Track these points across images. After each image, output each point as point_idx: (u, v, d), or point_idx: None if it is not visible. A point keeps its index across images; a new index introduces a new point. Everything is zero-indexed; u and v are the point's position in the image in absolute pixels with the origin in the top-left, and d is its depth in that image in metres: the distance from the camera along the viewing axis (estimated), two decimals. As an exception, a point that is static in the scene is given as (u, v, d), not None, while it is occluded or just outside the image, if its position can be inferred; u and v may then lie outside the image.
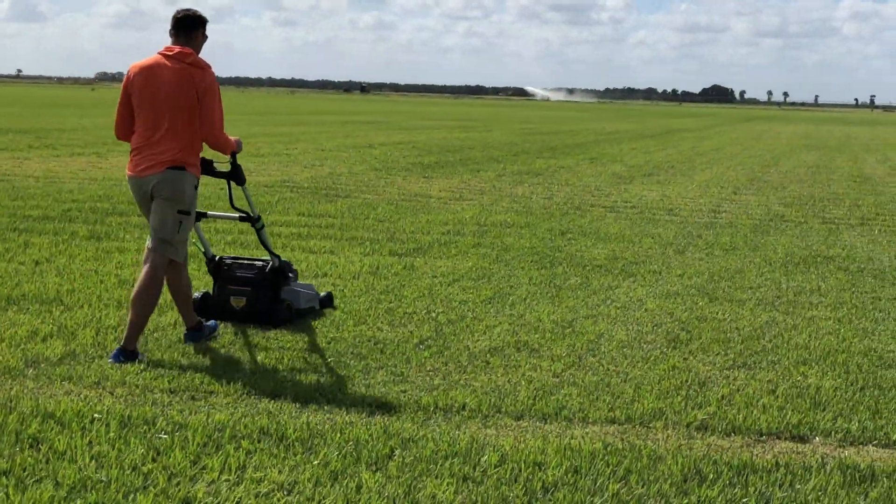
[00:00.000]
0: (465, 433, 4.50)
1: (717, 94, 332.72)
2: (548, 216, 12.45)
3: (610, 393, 5.22)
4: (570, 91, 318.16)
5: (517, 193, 15.08)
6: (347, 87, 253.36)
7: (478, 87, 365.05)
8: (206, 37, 5.80)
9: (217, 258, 6.62)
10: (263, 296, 6.38)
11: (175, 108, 5.56)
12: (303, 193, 13.87)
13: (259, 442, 4.25)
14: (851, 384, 5.54)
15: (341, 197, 13.77)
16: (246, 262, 6.64)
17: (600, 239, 10.70)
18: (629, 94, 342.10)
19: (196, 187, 5.71)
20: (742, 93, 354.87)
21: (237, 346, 5.86)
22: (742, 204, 14.80)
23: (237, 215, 6.49)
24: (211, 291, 6.57)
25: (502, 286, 7.91)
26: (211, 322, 6.12)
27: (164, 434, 4.29)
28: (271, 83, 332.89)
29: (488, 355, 5.85)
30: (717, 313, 7.22)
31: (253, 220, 6.41)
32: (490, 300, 7.37)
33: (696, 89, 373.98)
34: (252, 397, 4.93)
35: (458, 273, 8.39)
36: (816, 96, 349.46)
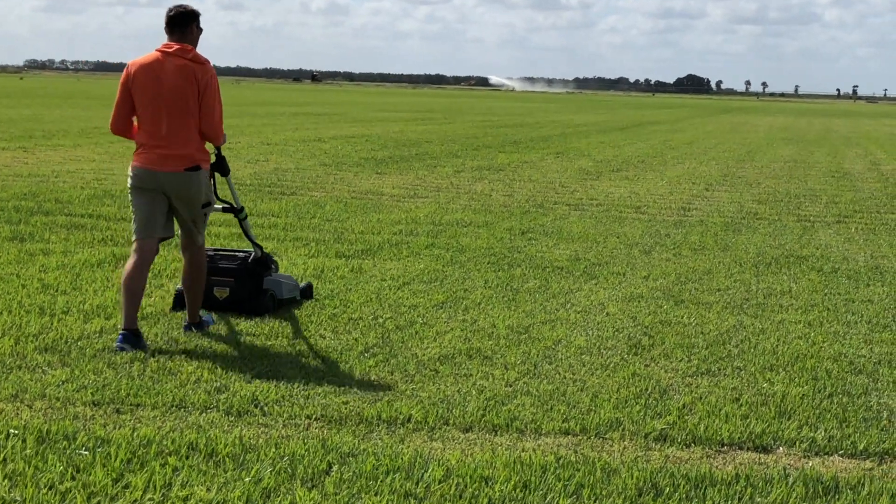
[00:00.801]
0: (408, 447, 4.54)
1: (693, 85, 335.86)
2: (508, 215, 12.53)
3: (565, 402, 5.28)
4: (537, 81, 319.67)
5: (476, 190, 15.15)
6: (297, 76, 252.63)
7: (438, 76, 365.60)
8: (201, 29, 6.34)
9: None
10: (246, 286, 6.96)
11: (180, 103, 6.13)
12: (244, 191, 13.81)
13: (187, 458, 4.25)
14: (819, 391, 5.64)
15: (286, 195, 13.75)
16: (228, 253, 7.28)
17: (563, 239, 10.78)
18: (599, 83, 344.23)
19: (210, 178, 6.38)
20: (718, 83, 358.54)
21: (169, 355, 5.85)
22: (714, 201, 14.97)
23: (220, 206, 6.92)
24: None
25: (456, 290, 7.96)
26: (207, 316, 6.66)
27: (85, 450, 4.27)
28: (217, 72, 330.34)
29: (437, 364, 5.89)
30: (683, 317, 7.31)
31: (236, 210, 6.97)
32: (442, 305, 7.41)
33: (671, 79, 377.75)
34: (182, 410, 4.93)
35: (408, 276, 8.42)
36: (797, 86, 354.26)
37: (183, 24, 6.24)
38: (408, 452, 4.43)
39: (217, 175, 6.59)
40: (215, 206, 6.69)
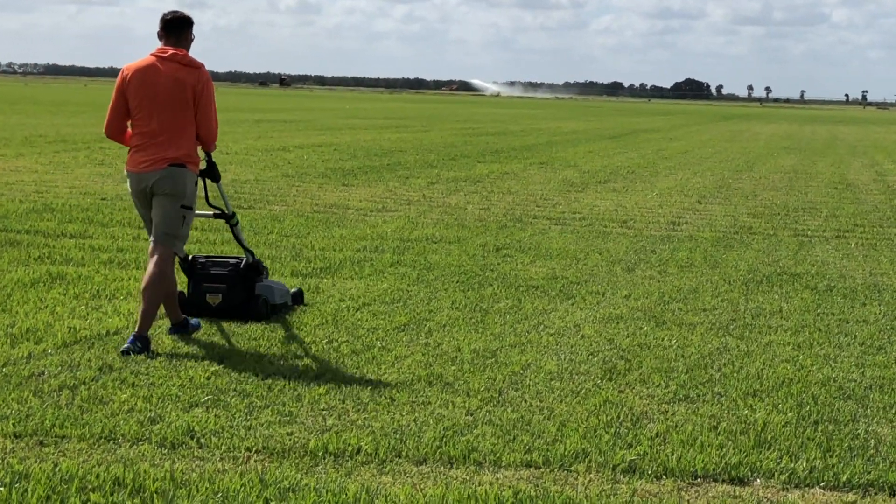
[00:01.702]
0: (355, 481, 4.53)
1: (691, 89, 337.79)
2: (483, 229, 12.56)
3: (529, 432, 5.28)
4: (523, 85, 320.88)
5: (450, 203, 15.19)
6: (264, 80, 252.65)
7: (417, 80, 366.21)
8: (194, 36, 6.94)
9: (190, 257, 7.61)
10: (239, 292, 7.49)
11: (174, 107, 6.67)
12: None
13: (112, 494, 4.24)
14: (803, 418, 5.67)
15: (243, 208, 13.74)
16: (219, 259, 7.80)
17: (540, 255, 10.82)
18: (591, 88, 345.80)
19: (196, 184, 6.85)
20: (719, 88, 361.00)
21: (100, 382, 5.83)
22: (706, 214, 15.05)
23: (212, 212, 7.52)
24: (185, 291, 7.53)
25: (420, 311, 7.97)
26: (194, 321, 7.13)
27: (1, 486, 4.25)
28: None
29: (394, 391, 5.89)
30: (663, 339, 7.35)
31: (227, 216, 7.49)
32: (403, 327, 7.42)
33: (668, 83, 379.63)
34: (111, 442, 4.91)
35: (369, 296, 8.43)
36: (802, 92, 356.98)
37: (179, 29, 6.83)
38: (353, 488, 4.43)
39: (209, 182, 7.17)
40: (206, 212, 7.32)
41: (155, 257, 6.72)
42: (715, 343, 7.29)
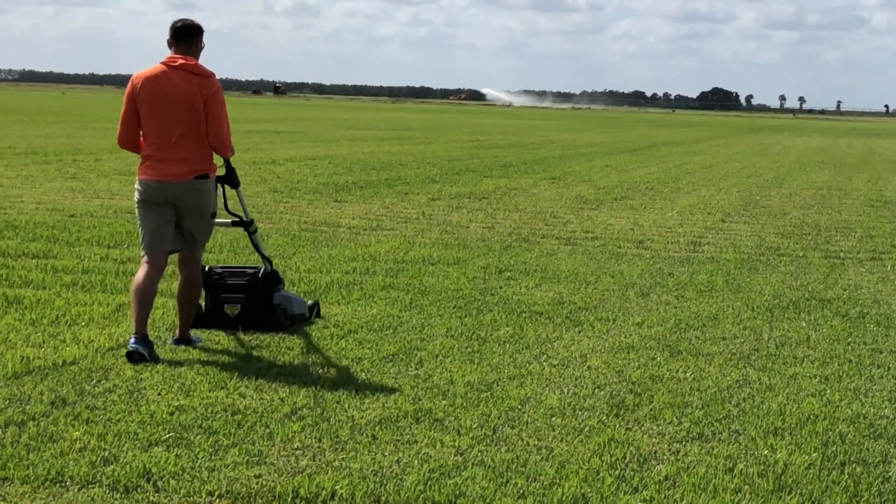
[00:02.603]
0: (326, 529, 4.41)
1: (719, 99, 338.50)
2: (485, 250, 12.49)
3: (524, 474, 5.17)
4: (537, 94, 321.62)
5: (451, 221, 15.14)
6: (258, 88, 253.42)
7: (423, 88, 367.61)
8: (204, 45, 7.45)
9: (207, 268, 8.02)
10: (257, 301, 7.94)
11: (186, 116, 7.18)
12: None
13: (54, 544, 4.12)
14: (829, 459, 5.55)
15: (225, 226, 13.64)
16: (237, 269, 8.26)
17: (546, 278, 10.73)
18: (610, 98, 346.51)
19: (215, 190, 7.50)
20: (749, 97, 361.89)
21: (51, 418, 5.72)
22: (730, 234, 14.98)
23: (230, 220, 8.06)
24: (202, 302, 7.89)
25: (411, 339, 7.88)
26: (196, 337, 7.62)
27: (-69, 535, 4.14)
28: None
29: (377, 428, 5.79)
30: (678, 371, 7.25)
31: (246, 224, 8.01)
32: (392, 357, 7.33)
33: (693, 93, 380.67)
34: (58, 485, 4.81)
35: (356, 322, 8.35)
36: (839, 102, 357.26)
37: (189, 37, 7.36)
38: (324, 536, 4.30)
39: (227, 188, 7.70)
40: (224, 221, 7.85)
41: (189, 268, 7.44)
42: (734, 375, 7.19)
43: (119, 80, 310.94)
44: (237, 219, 8.03)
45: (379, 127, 55.03)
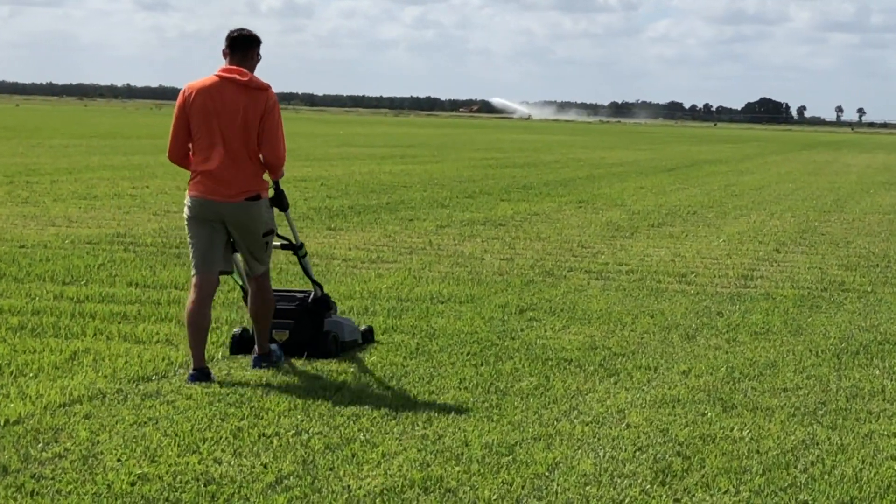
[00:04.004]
0: None
1: (767, 111, 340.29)
2: (504, 286, 12.46)
3: (554, 558, 4.98)
4: (561, 106, 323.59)
5: (463, 252, 15.16)
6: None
7: (429, 99, 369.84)
8: (260, 56, 8.00)
9: None
10: (307, 327, 8.62)
11: (240, 130, 7.75)
12: (143, 254, 13.85)
13: None
14: (919, 539, 5.37)
15: (201, 259, 13.57)
16: (286, 294, 8.93)
17: (575, 319, 10.71)
18: (644, 109, 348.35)
19: (270, 208, 8.09)
20: (801, 109, 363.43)
21: (3, 485, 5.56)
22: (786, 266, 14.99)
23: (279, 243, 8.66)
24: (249, 326, 8.59)
25: (418, 392, 7.84)
26: (275, 346, 8.43)
27: None
28: (130, 93, 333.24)
29: (378, 500, 5.69)
30: (733, 429, 7.19)
31: (296, 247, 8.76)
32: (395, 414, 7.26)
33: (738, 104, 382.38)
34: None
35: (353, 372, 8.31)
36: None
37: (245, 48, 7.93)
38: None
39: (276, 211, 8.24)
40: (275, 244, 8.37)
41: (259, 281, 8.15)
42: (799, 434, 7.12)
43: (82, 91, 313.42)
44: (286, 242, 8.71)
45: (379, 143, 55.38)
